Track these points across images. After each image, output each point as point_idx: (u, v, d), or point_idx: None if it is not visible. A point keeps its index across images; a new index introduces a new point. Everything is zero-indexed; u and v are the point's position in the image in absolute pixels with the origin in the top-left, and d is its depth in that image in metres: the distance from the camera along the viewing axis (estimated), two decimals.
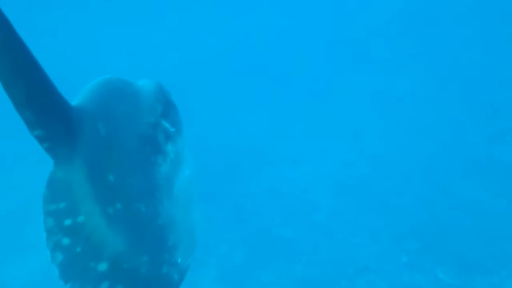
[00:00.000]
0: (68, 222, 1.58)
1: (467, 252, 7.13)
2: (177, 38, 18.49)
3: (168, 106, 2.18)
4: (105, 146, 1.74)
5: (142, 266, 1.67)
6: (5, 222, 8.17)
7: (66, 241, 1.57)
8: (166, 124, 2.10)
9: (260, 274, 7.06)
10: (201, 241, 2.17)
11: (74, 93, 1.85)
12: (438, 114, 11.70)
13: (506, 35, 15.40)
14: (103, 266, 1.59)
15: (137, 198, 1.78)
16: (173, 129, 2.15)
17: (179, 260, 1.84)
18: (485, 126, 10.89)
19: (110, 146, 1.76)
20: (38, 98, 1.49)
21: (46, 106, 1.52)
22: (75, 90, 1.89)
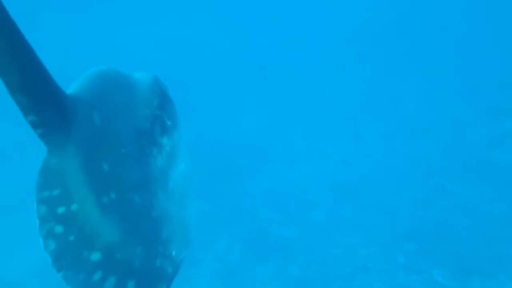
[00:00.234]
0: (61, 210, 1.56)
1: (465, 254, 7.10)
2: (178, 35, 18.47)
3: (164, 99, 2.15)
4: (100, 136, 1.72)
5: (135, 258, 1.64)
6: (1, 214, 8.15)
7: (59, 229, 1.55)
8: (162, 117, 2.08)
9: (256, 272, 7.05)
10: (195, 237, 2.15)
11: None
12: (438, 115, 11.70)
13: (506, 36, 15.41)
14: (96, 256, 1.57)
15: (131, 189, 1.76)
16: (169, 122, 2.13)
17: (173, 253, 1.81)
18: (484, 127, 10.89)
19: (105, 135, 1.74)
20: (32, 83, 1.48)
21: (40, 91, 1.50)
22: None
